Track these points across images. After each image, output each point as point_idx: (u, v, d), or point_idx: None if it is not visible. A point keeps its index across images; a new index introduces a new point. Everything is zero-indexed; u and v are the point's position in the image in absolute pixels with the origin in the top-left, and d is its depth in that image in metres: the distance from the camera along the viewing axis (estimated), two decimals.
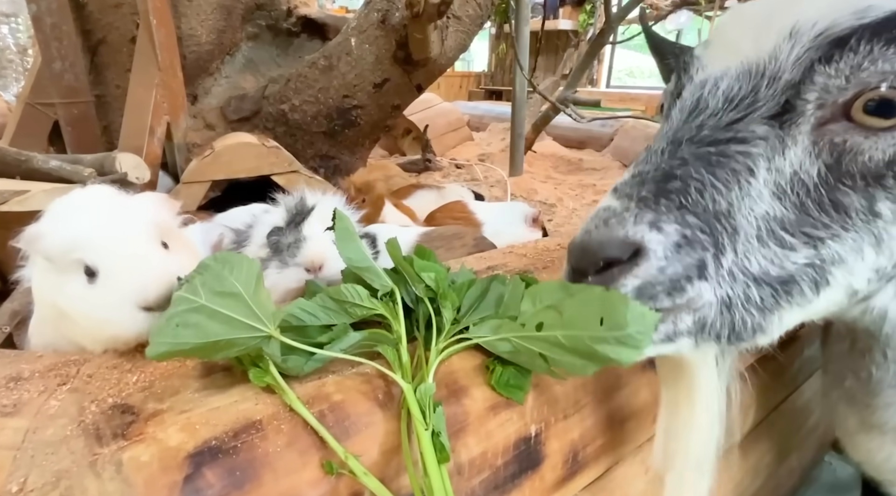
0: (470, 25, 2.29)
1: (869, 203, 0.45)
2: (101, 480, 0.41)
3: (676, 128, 0.48)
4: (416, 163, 3.36)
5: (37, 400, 0.49)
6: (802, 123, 0.46)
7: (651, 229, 0.43)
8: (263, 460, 0.46)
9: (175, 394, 0.50)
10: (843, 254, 0.46)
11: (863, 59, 0.43)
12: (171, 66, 1.93)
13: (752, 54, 0.47)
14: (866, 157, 0.44)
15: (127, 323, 0.56)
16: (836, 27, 0.44)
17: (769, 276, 0.45)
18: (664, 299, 0.43)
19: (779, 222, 0.45)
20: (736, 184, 0.45)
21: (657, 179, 0.45)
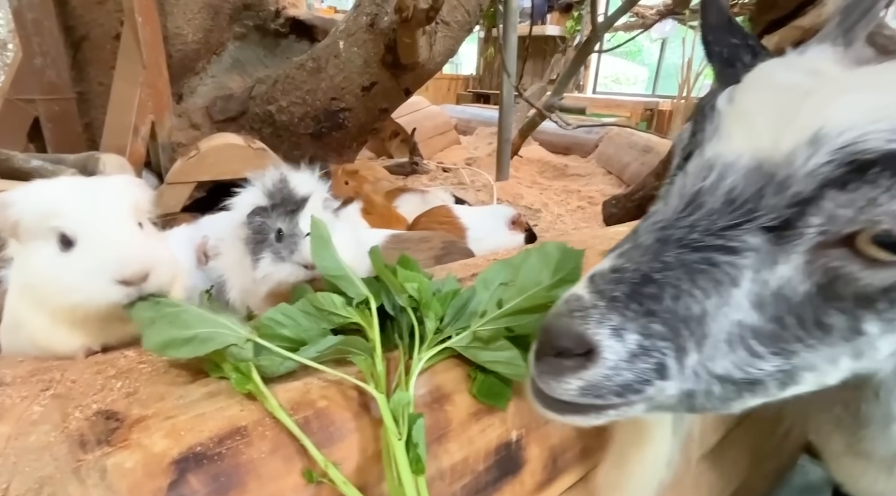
0: (458, 31, 2.31)
1: (854, 324, 0.44)
2: (86, 487, 0.41)
3: (669, 221, 0.46)
4: (403, 166, 3.37)
5: (19, 406, 0.49)
6: (799, 244, 0.43)
7: (611, 336, 0.42)
8: (248, 466, 0.47)
9: (160, 400, 0.50)
10: (815, 363, 0.46)
11: (880, 194, 0.39)
12: (157, 64, 1.91)
13: (767, 149, 0.43)
14: (862, 284, 0.42)
15: (99, 293, 0.57)
16: (863, 143, 0.39)
17: (734, 378, 0.45)
18: (612, 398, 0.44)
19: (752, 332, 0.44)
20: (715, 293, 0.43)
21: (634, 281, 0.44)
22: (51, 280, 0.57)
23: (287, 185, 0.74)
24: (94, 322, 0.60)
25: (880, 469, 0.69)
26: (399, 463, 0.48)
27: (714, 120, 0.48)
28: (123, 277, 0.57)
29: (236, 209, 0.76)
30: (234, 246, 0.75)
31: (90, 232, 0.57)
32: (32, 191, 0.60)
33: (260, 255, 0.71)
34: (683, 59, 5.46)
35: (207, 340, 0.53)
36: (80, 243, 0.57)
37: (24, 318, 0.60)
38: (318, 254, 0.61)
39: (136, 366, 0.57)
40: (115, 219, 0.60)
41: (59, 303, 0.58)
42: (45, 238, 0.57)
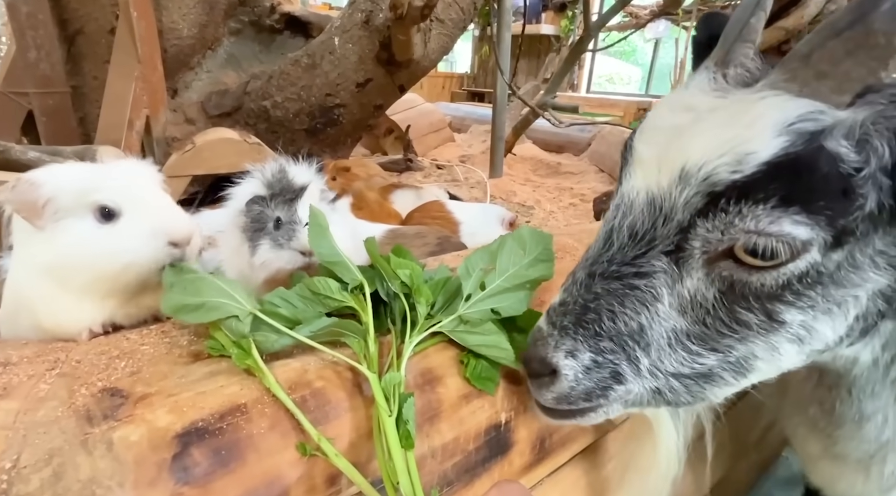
0: (453, 29, 2.34)
1: (769, 316, 0.49)
2: (93, 458, 0.43)
3: (593, 259, 0.54)
4: (397, 162, 3.38)
5: (26, 383, 0.50)
6: (693, 262, 0.50)
7: (566, 357, 0.52)
8: (248, 441, 0.49)
9: (163, 379, 0.52)
10: (756, 353, 0.51)
11: (733, 218, 0.46)
12: (151, 59, 1.92)
13: (654, 186, 0.51)
14: (757, 285, 0.48)
15: (152, 252, 0.61)
16: (714, 177, 0.46)
17: (685, 374, 0.52)
18: (582, 403, 0.54)
19: (685, 334, 0.51)
20: (644, 309, 0.51)
21: (576, 312, 0.53)
22: (96, 250, 0.60)
23: (286, 175, 0.76)
24: (125, 294, 0.65)
25: (857, 471, 0.71)
26: (389, 438, 0.51)
27: (628, 158, 0.56)
28: (175, 238, 0.62)
29: (235, 198, 0.78)
30: (232, 234, 0.77)
31: (137, 202, 0.62)
32: (62, 170, 0.63)
33: (258, 242, 0.73)
34: (676, 60, 5.51)
35: (213, 309, 0.56)
36: (128, 213, 0.61)
37: (33, 300, 0.62)
38: (315, 241, 0.63)
39: (139, 348, 0.58)
40: (154, 190, 0.66)
41: (104, 270, 0.61)
42: (78, 215, 0.61)
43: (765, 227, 0.45)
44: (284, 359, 0.58)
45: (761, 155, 0.45)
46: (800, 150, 0.44)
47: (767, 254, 0.46)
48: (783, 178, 0.44)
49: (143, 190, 0.64)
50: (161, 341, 0.61)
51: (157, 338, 0.62)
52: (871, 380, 0.62)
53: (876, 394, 0.63)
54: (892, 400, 0.63)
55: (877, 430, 0.65)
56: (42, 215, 0.60)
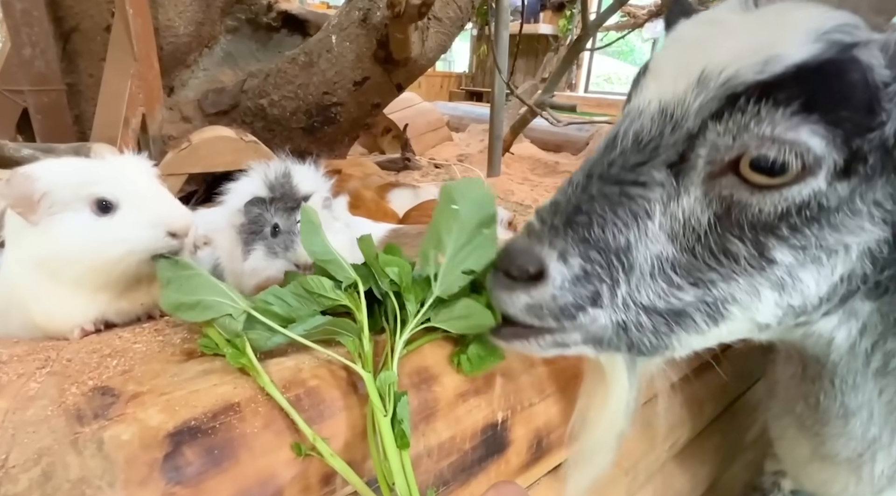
0: (450, 27, 2.33)
1: (760, 250, 0.47)
2: (83, 457, 0.43)
3: (594, 161, 0.51)
4: (395, 161, 3.37)
5: (16, 382, 0.50)
6: (694, 176, 0.48)
7: (559, 259, 0.48)
8: (241, 440, 0.49)
9: (155, 378, 0.52)
10: (736, 296, 0.49)
11: (749, 120, 0.43)
12: (147, 56, 1.91)
13: (668, 94, 0.48)
14: (755, 210, 0.46)
15: (147, 241, 0.62)
16: (737, 79, 0.44)
17: (658, 309, 0.49)
18: (550, 321, 0.49)
19: (670, 263, 0.48)
20: (634, 224, 0.48)
21: (568, 212, 0.49)
22: (93, 241, 0.61)
23: (290, 180, 0.74)
24: (118, 286, 0.64)
25: (849, 472, 0.70)
26: (385, 438, 0.50)
27: (644, 76, 0.53)
28: (174, 228, 0.63)
29: (233, 195, 0.76)
30: (227, 233, 0.76)
31: (135, 194, 0.63)
32: (58, 165, 0.63)
33: (252, 247, 0.71)
34: None
35: (208, 308, 0.55)
36: (126, 205, 0.62)
37: (25, 295, 0.61)
38: (307, 239, 0.62)
39: (132, 346, 0.58)
40: (152, 184, 0.66)
41: (101, 260, 0.61)
42: (74, 209, 0.61)
43: (781, 132, 0.42)
44: (278, 357, 0.57)
45: (791, 57, 0.43)
46: (830, 57, 0.42)
47: (776, 166, 0.44)
48: (809, 81, 0.42)
49: (140, 182, 0.65)
50: (154, 339, 0.60)
51: (150, 336, 0.61)
52: (851, 370, 0.61)
53: (858, 387, 0.61)
54: (875, 394, 0.61)
55: (863, 427, 0.64)
56: (37, 210, 0.60)
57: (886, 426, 0.63)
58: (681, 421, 0.96)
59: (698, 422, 1.02)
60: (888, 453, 0.65)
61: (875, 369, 0.60)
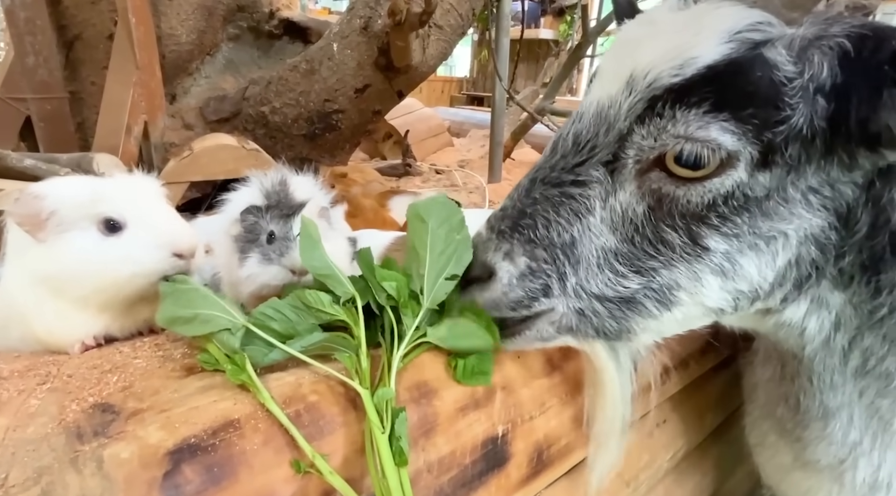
0: (451, 34, 2.34)
1: (693, 238, 0.50)
2: (83, 476, 0.43)
3: (539, 165, 0.55)
4: (396, 167, 3.38)
5: (16, 399, 0.50)
6: (626, 173, 0.51)
7: (504, 258, 0.53)
8: (241, 458, 0.48)
9: (155, 394, 0.52)
10: (679, 282, 0.52)
11: (666, 123, 0.47)
12: (150, 64, 1.92)
13: (604, 97, 0.52)
14: (683, 200, 0.49)
15: (157, 262, 0.62)
16: (657, 82, 0.47)
17: (608, 296, 0.53)
18: (507, 312, 0.55)
19: (613, 254, 0.52)
20: (577, 220, 0.52)
21: (514, 217, 0.54)
22: (99, 261, 0.61)
23: (286, 187, 0.74)
24: (122, 305, 0.65)
25: (831, 481, 0.69)
26: (383, 455, 0.50)
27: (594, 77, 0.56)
28: (180, 250, 0.63)
29: (230, 205, 0.76)
30: (224, 242, 0.76)
31: (143, 214, 0.63)
32: (66, 183, 0.64)
33: (248, 255, 0.71)
34: None
35: (205, 322, 0.56)
36: (132, 224, 0.62)
37: (28, 312, 0.62)
38: (306, 254, 0.62)
39: (131, 361, 0.58)
40: (159, 204, 0.67)
41: (106, 281, 0.62)
42: (81, 227, 0.61)
43: (693, 131, 0.46)
44: (278, 372, 0.58)
45: (703, 59, 0.46)
46: (740, 57, 0.45)
47: (693, 161, 0.47)
48: (718, 82, 0.45)
49: (148, 203, 0.65)
50: (154, 355, 0.60)
51: (150, 351, 0.61)
52: (828, 367, 0.61)
53: (836, 386, 0.61)
54: (856, 396, 0.61)
55: (843, 430, 0.63)
56: (45, 228, 0.60)
57: (868, 431, 0.62)
58: (681, 432, 0.96)
59: (699, 433, 1.02)
60: (869, 460, 0.64)
61: (854, 369, 0.59)
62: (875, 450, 0.63)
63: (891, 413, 0.60)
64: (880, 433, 0.62)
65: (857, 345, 0.58)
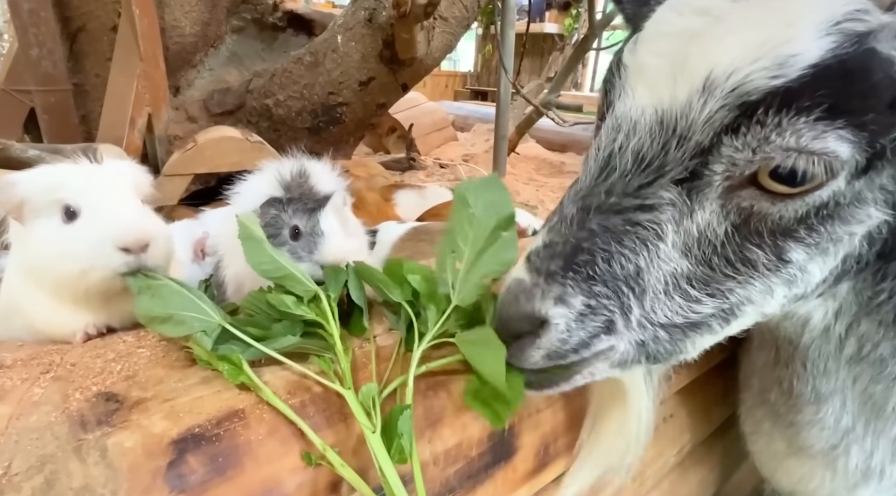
0: (456, 27, 2.32)
1: (778, 254, 0.46)
2: (86, 465, 0.42)
3: (588, 188, 0.47)
4: (400, 161, 3.37)
5: (20, 387, 0.49)
6: (709, 191, 0.45)
7: (556, 304, 0.45)
8: (245, 448, 0.48)
9: (159, 384, 0.51)
10: (752, 298, 0.48)
11: (770, 133, 0.40)
12: (154, 56, 1.91)
13: (666, 101, 0.44)
14: (775, 217, 0.44)
15: (101, 259, 0.58)
16: (748, 84, 0.40)
17: (676, 324, 0.48)
18: (572, 357, 0.47)
19: (686, 278, 0.46)
20: (644, 249, 0.45)
21: (566, 254, 0.46)
22: (54, 252, 0.58)
23: (308, 179, 0.71)
24: (96, 299, 0.61)
25: (824, 466, 0.69)
26: (378, 455, 0.48)
27: (621, 75, 0.49)
28: (124, 243, 0.58)
29: (246, 197, 0.73)
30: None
31: (93, 202, 0.59)
32: (37, 170, 0.62)
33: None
34: None
35: (180, 323, 0.54)
36: (84, 214, 0.59)
37: (23, 301, 0.61)
38: (252, 256, 0.58)
39: (135, 351, 0.57)
40: (117, 192, 0.62)
41: (62, 275, 0.59)
42: (48, 214, 0.59)
43: (807, 143, 0.39)
44: (281, 362, 0.57)
45: (807, 57, 0.39)
46: (850, 53, 0.39)
47: (801, 177, 0.41)
48: (832, 84, 0.39)
49: (103, 190, 0.61)
50: (158, 344, 0.59)
51: (155, 340, 0.60)
52: (823, 354, 0.60)
53: (830, 371, 0.60)
54: (850, 381, 0.60)
55: (835, 415, 0.63)
56: (22, 214, 0.59)
57: (860, 417, 0.62)
58: (688, 426, 0.95)
59: (705, 429, 1.01)
60: (861, 446, 0.64)
61: (849, 355, 0.58)
62: (868, 436, 0.63)
63: (884, 399, 0.59)
64: (873, 419, 0.61)
65: (854, 332, 0.57)
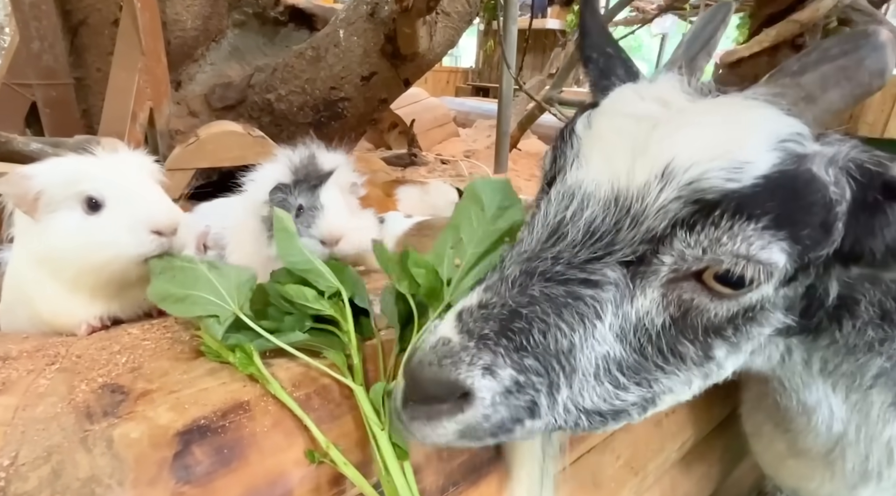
0: (458, 22, 2.31)
1: (705, 351, 0.47)
2: (93, 455, 0.42)
3: (533, 252, 0.46)
4: (401, 157, 3.37)
5: (25, 379, 0.49)
6: (654, 279, 0.44)
7: (484, 375, 0.41)
8: (250, 440, 0.48)
9: (164, 375, 0.51)
10: (673, 388, 0.49)
11: (722, 235, 0.41)
12: (155, 50, 1.90)
13: (622, 179, 0.44)
14: (711, 314, 0.45)
15: (135, 243, 0.60)
16: (704, 181, 0.41)
17: (601, 410, 0.47)
18: (488, 439, 0.44)
19: (617, 364, 0.45)
20: (581, 326, 0.44)
21: (503, 318, 0.43)
22: (81, 242, 0.60)
23: (314, 160, 0.72)
24: (111, 288, 0.63)
25: (823, 468, 0.70)
26: (384, 452, 0.49)
27: (574, 145, 0.49)
28: (158, 227, 0.61)
29: (256, 185, 0.74)
30: (250, 223, 0.74)
31: (122, 192, 0.61)
32: (53, 162, 0.62)
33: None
34: None
35: (196, 304, 0.54)
36: (111, 203, 0.60)
37: (30, 293, 0.61)
38: (283, 248, 0.60)
39: (140, 343, 0.58)
40: (141, 180, 0.64)
41: (90, 262, 0.60)
42: (67, 207, 0.60)
43: (756, 252, 0.41)
44: (287, 356, 0.57)
45: (759, 166, 0.41)
46: (793, 170, 0.41)
47: (741, 281, 0.42)
48: (778, 196, 0.41)
49: (127, 179, 0.63)
50: (163, 336, 0.60)
51: (160, 333, 0.61)
52: (795, 372, 0.60)
53: (808, 385, 0.61)
54: (830, 391, 0.61)
55: (826, 423, 0.63)
56: (36, 207, 0.60)
57: (851, 423, 0.63)
58: (690, 422, 0.95)
59: (707, 424, 1.01)
60: (856, 450, 0.65)
61: (818, 370, 0.60)
62: (860, 441, 0.64)
63: (866, 406, 0.61)
64: (863, 425, 0.62)
65: (815, 355, 0.58)
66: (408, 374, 0.44)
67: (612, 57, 0.58)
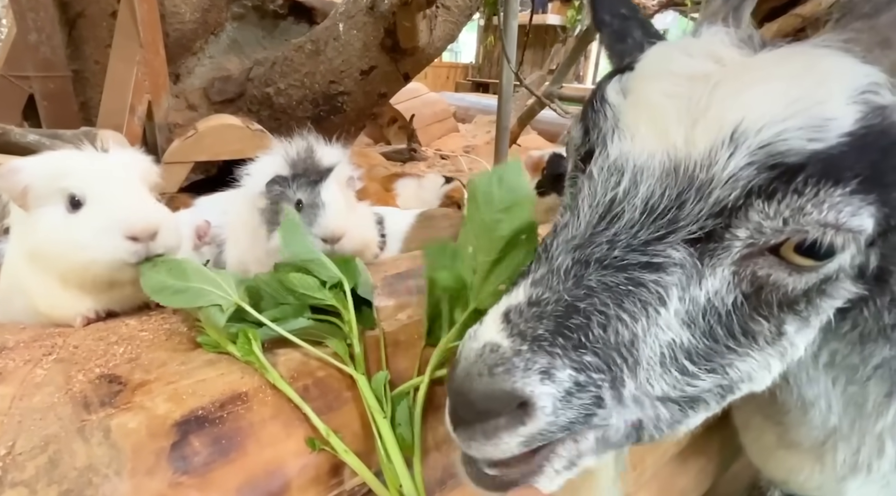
0: (459, 16, 2.30)
1: (778, 326, 0.42)
2: (90, 445, 0.42)
3: (584, 237, 0.41)
4: (401, 152, 3.36)
5: (22, 369, 0.49)
6: (726, 257, 0.40)
7: (542, 380, 0.37)
8: (248, 430, 0.48)
9: (162, 366, 0.51)
10: (751, 373, 0.44)
11: (806, 203, 0.36)
12: (154, 43, 1.89)
13: (681, 148, 0.39)
14: (789, 289, 0.40)
15: (109, 247, 0.57)
16: (782, 143, 0.36)
17: (671, 397, 0.43)
18: (558, 435, 0.40)
19: (684, 351, 0.41)
20: (644, 315, 0.39)
21: (558, 314, 0.39)
22: (61, 240, 0.58)
23: (312, 154, 0.72)
24: (103, 285, 0.61)
25: (813, 460, 0.69)
26: (386, 440, 0.49)
27: (609, 114, 0.44)
28: (132, 233, 0.57)
29: (253, 178, 0.74)
30: (247, 217, 0.74)
31: (99, 191, 0.59)
32: (41, 157, 0.61)
33: (276, 226, 0.69)
34: None
35: (197, 295, 0.54)
36: (90, 203, 0.58)
37: (27, 285, 0.61)
38: (286, 241, 0.60)
39: (138, 334, 0.57)
40: (123, 181, 0.61)
41: (70, 263, 0.59)
42: (53, 202, 0.59)
43: (846, 219, 0.36)
44: (285, 347, 0.57)
45: (842, 123, 0.36)
46: (878, 124, 0.37)
47: (828, 250, 0.37)
48: (867, 155, 0.36)
49: (109, 178, 0.60)
50: (160, 327, 0.59)
51: (157, 324, 0.60)
52: (803, 366, 0.58)
53: (812, 380, 0.59)
54: (830, 385, 0.60)
55: (822, 416, 0.63)
56: (26, 201, 0.59)
57: (846, 416, 0.62)
58: None
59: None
60: (848, 443, 0.64)
61: (825, 363, 0.58)
62: (854, 434, 0.63)
63: (862, 398, 0.60)
64: (858, 418, 0.62)
65: (826, 347, 0.56)
66: (454, 390, 0.39)
67: (627, 18, 0.54)
